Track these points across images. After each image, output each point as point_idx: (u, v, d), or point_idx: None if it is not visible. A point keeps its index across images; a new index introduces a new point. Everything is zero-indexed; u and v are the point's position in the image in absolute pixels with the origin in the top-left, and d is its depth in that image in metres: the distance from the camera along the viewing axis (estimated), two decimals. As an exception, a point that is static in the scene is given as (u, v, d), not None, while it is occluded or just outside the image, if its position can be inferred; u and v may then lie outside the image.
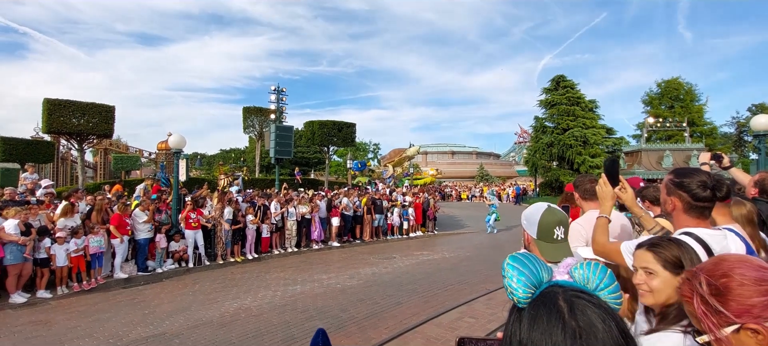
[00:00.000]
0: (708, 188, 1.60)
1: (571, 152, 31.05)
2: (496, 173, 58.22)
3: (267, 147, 18.73)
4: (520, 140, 75.02)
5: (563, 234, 1.58)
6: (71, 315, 6.15)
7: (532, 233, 1.61)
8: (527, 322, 0.66)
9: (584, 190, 2.85)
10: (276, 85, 21.17)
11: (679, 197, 1.65)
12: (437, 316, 5.81)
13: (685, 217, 1.65)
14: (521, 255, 0.78)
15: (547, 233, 1.57)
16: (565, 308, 0.64)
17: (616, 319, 0.64)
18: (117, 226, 8.02)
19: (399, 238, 14.09)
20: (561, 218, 1.60)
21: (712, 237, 1.56)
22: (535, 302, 0.69)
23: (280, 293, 7.19)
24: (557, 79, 34.36)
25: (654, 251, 1.36)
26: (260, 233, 10.52)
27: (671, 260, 1.32)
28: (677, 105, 41.39)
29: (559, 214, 1.62)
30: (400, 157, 32.12)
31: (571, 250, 2.54)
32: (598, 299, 0.68)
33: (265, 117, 29.65)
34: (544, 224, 1.58)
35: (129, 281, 7.98)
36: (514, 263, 0.74)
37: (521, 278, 0.71)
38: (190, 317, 5.97)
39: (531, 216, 1.63)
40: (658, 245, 1.36)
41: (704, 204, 1.61)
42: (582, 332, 0.61)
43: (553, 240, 1.56)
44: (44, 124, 18.42)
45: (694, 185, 1.61)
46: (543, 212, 1.60)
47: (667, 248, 1.34)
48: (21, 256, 6.62)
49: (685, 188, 1.64)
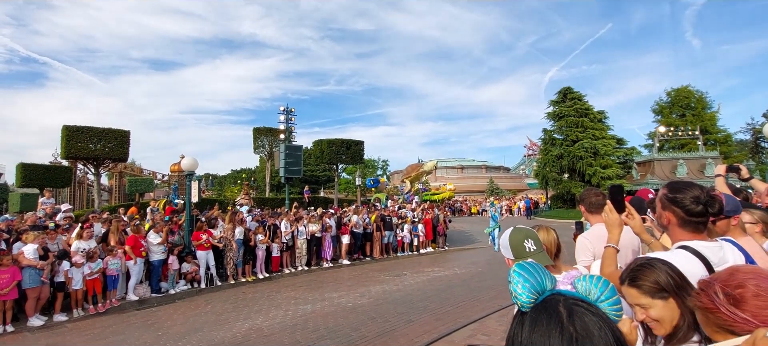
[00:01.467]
0: (700, 203, 1.60)
1: (582, 164, 30.73)
2: (506, 186, 57.76)
3: (277, 166, 18.96)
4: (530, 153, 74.53)
5: (534, 245, 1.70)
6: (87, 337, 6.23)
7: (509, 255, 1.74)
8: (528, 325, 0.70)
9: (589, 203, 2.86)
10: (285, 106, 21.59)
11: (673, 212, 1.67)
12: (449, 333, 5.76)
13: (681, 231, 1.66)
14: (527, 263, 0.82)
15: (519, 250, 1.70)
16: (565, 313, 0.68)
17: (612, 328, 0.67)
18: (132, 247, 8.17)
19: (409, 254, 14.02)
20: (527, 233, 1.74)
21: (709, 249, 1.57)
22: (537, 307, 0.73)
23: (291, 312, 7.20)
24: (564, 91, 34.30)
25: (635, 285, 1.35)
26: (271, 252, 10.58)
27: (652, 287, 1.32)
28: (689, 113, 40.90)
29: (524, 230, 1.76)
30: (417, 173, 32.09)
31: (577, 264, 2.56)
32: (597, 308, 0.72)
33: (275, 137, 30.08)
34: (514, 242, 1.72)
35: (143, 303, 8.07)
36: (520, 270, 0.79)
37: (526, 285, 0.76)
38: (202, 338, 6.01)
39: (503, 241, 1.78)
40: (635, 278, 1.35)
41: (697, 219, 1.61)
42: (579, 337, 0.64)
43: (527, 254, 1.68)
44: (63, 150, 18.98)
45: (687, 200, 1.62)
46: (510, 233, 1.76)
47: (643, 278, 1.34)
48: (39, 279, 6.78)
49: (677, 203, 1.65)
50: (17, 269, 6.60)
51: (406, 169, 34.97)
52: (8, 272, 6.49)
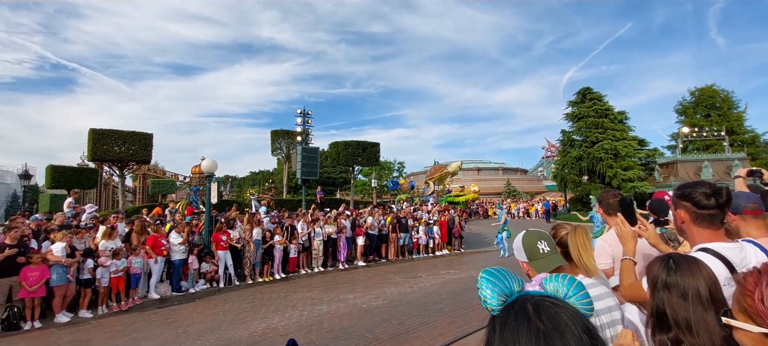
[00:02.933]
0: (710, 196, 1.61)
1: (602, 166, 30.02)
2: (523, 188, 56.94)
3: (294, 169, 19.20)
4: (548, 155, 73.29)
5: (547, 247, 1.68)
6: (110, 335, 6.44)
7: (523, 258, 1.71)
8: (498, 327, 0.70)
9: (607, 205, 2.81)
10: (302, 109, 21.85)
11: (685, 208, 1.67)
12: (464, 337, 5.72)
13: (697, 229, 1.65)
14: (494, 269, 0.83)
15: (533, 252, 1.68)
16: (531, 309, 0.68)
17: (582, 320, 0.66)
18: (153, 247, 8.40)
19: (424, 256, 13.97)
20: (540, 234, 1.72)
21: (730, 250, 1.56)
22: (505, 308, 0.73)
23: (306, 312, 7.27)
24: (583, 91, 33.61)
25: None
26: (288, 252, 10.72)
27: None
28: (714, 113, 39.54)
29: (537, 232, 1.75)
30: (441, 174, 31.79)
31: (597, 267, 2.51)
32: (564, 302, 0.71)
33: (292, 139, 30.45)
34: (527, 245, 1.70)
35: (163, 301, 8.28)
36: (487, 276, 0.80)
37: (494, 289, 0.76)
38: (220, 336, 6.13)
39: (516, 244, 1.76)
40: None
41: (710, 212, 1.61)
42: (547, 330, 0.63)
43: (540, 256, 1.66)
44: (89, 153, 19.67)
45: (696, 194, 1.63)
46: (522, 235, 1.74)
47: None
48: (66, 277, 7.04)
49: (688, 198, 1.65)
50: (46, 267, 6.87)
51: (430, 171, 34.66)
52: (37, 270, 6.77)
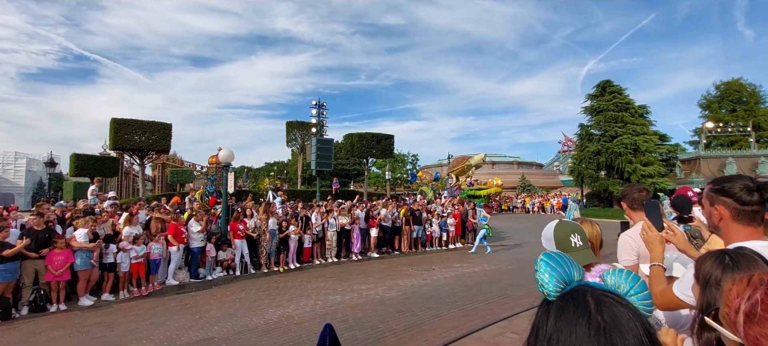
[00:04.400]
0: (753, 191, 1.51)
1: (621, 161, 29.35)
2: (538, 183, 56.20)
3: (309, 160, 19.33)
4: (565, 149, 72.05)
5: (580, 241, 1.63)
6: (131, 318, 6.63)
7: (552, 249, 1.64)
8: (554, 313, 0.69)
9: (632, 200, 2.73)
10: (317, 100, 21.85)
11: (724, 204, 1.57)
12: (478, 330, 5.69)
13: (736, 226, 1.56)
14: (555, 253, 0.80)
15: (565, 244, 1.63)
16: (592, 303, 0.66)
17: (642, 320, 0.65)
18: (173, 234, 8.59)
19: (438, 249, 13.95)
20: (573, 227, 1.67)
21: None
22: (564, 295, 0.71)
23: (320, 302, 7.35)
24: (603, 84, 32.81)
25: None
26: (302, 243, 10.83)
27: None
28: (740, 108, 38.17)
29: (570, 224, 1.69)
30: (463, 166, 31.30)
31: (620, 264, 2.46)
32: (626, 300, 0.69)
33: (307, 131, 30.60)
34: (560, 237, 1.65)
35: (182, 288, 8.48)
36: (547, 259, 0.77)
37: (553, 274, 0.74)
38: (236, 323, 6.25)
39: (547, 234, 1.72)
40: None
41: (752, 208, 1.52)
42: (606, 326, 0.62)
43: (572, 249, 1.61)
44: (111, 142, 20.19)
45: (736, 188, 1.53)
46: (555, 226, 1.69)
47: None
48: (89, 262, 7.27)
49: (728, 193, 1.55)
50: (70, 252, 7.10)
51: (452, 162, 34.20)
52: (62, 255, 7.01)
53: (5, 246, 6.46)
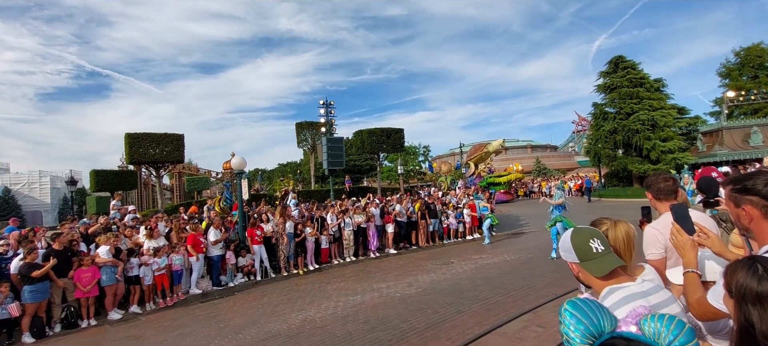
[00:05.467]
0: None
1: (639, 138, 28.55)
2: (554, 165, 55.35)
3: (320, 159, 19.41)
4: (579, 129, 70.69)
5: (601, 245, 1.52)
6: (159, 329, 6.78)
7: (573, 259, 1.56)
8: None
9: (658, 189, 2.62)
10: (324, 99, 21.94)
11: (752, 203, 1.47)
12: (501, 325, 5.62)
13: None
14: (581, 301, 0.73)
15: (585, 252, 1.53)
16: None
17: None
18: (192, 245, 8.74)
19: (455, 241, 13.86)
20: (592, 232, 1.57)
21: None
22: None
23: (341, 303, 7.38)
24: (615, 60, 31.88)
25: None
26: (319, 244, 10.89)
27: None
28: (762, 74, 36.73)
29: (587, 229, 1.59)
30: (481, 154, 30.65)
31: (646, 258, 2.36)
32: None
33: (317, 130, 30.75)
34: (578, 244, 1.54)
35: (205, 296, 8.63)
36: (573, 309, 0.70)
37: (579, 327, 0.67)
38: (260, 329, 6.32)
39: (564, 244, 1.61)
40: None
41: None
42: None
43: (594, 255, 1.51)
44: (127, 156, 20.63)
45: (760, 184, 1.44)
46: (571, 234, 1.59)
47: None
48: (114, 277, 7.45)
49: (753, 191, 1.46)
50: (97, 269, 7.29)
51: (470, 150, 33.65)
52: (89, 272, 7.19)
53: (35, 267, 6.66)
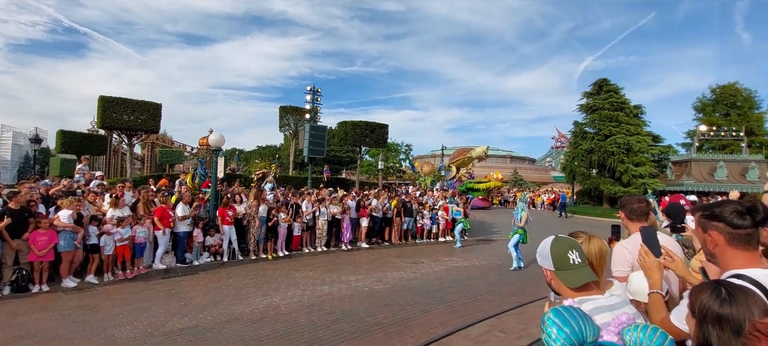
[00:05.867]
0: (744, 214, 1.49)
1: (613, 160, 29.53)
2: (530, 178, 56.55)
3: (301, 146, 19.15)
4: (558, 145, 72.48)
5: (578, 258, 1.55)
6: (115, 302, 6.52)
7: (549, 266, 1.58)
8: None
9: (631, 210, 2.69)
10: (312, 86, 21.62)
11: (717, 229, 1.54)
12: (465, 327, 5.68)
13: (732, 251, 1.52)
14: (565, 309, 0.72)
15: (562, 262, 1.54)
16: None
17: None
18: (160, 218, 8.44)
19: (428, 242, 13.96)
20: (571, 243, 1.58)
21: (767, 277, 1.43)
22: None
23: (308, 292, 7.30)
24: (600, 82, 32.82)
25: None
26: (292, 231, 10.74)
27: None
28: (734, 112, 38.60)
29: (568, 240, 1.60)
30: (464, 158, 30.84)
31: (613, 275, 2.40)
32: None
33: (301, 116, 30.33)
34: (557, 254, 1.56)
35: (168, 272, 8.37)
36: (556, 317, 0.69)
37: (561, 335, 0.65)
38: (222, 311, 6.18)
39: (542, 250, 1.62)
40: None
41: (746, 231, 1.50)
42: None
43: (571, 266, 1.53)
44: (99, 120, 19.79)
45: (727, 212, 1.51)
46: (552, 242, 1.60)
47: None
48: (73, 243, 7.11)
49: (719, 218, 1.53)
50: (54, 233, 6.94)
51: (453, 154, 33.86)
52: (46, 235, 6.84)
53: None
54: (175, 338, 5.13)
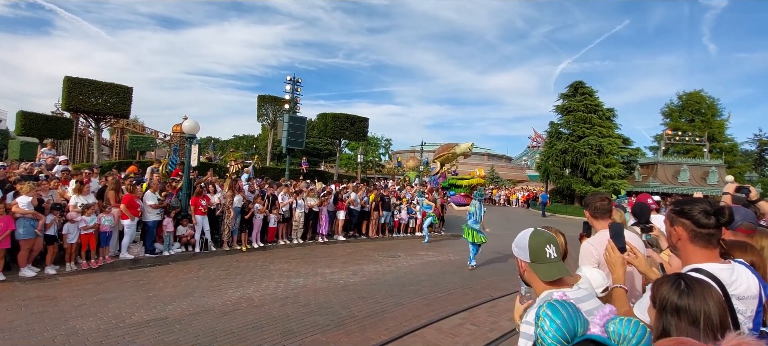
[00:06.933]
0: (711, 215, 1.57)
1: (585, 160, 30.51)
2: (507, 176, 57.70)
3: (279, 137, 18.84)
4: (534, 145, 74.15)
5: (555, 252, 1.58)
6: (77, 292, 6.25)
7: (525, 258, 1.61)
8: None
9: (594, 208, 2.78)
10: (292, 76, 21.21)
11: (683, 225, 1.63)
12: (438, 320, 5.75)
13: (693, 247, 1.62)
14: (559, 303, 0.73)
15: (539, 255, 1.58)
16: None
17: None
18: (128, 206, 8.13)
19: (405, 236, 14.04)
20: (549, 238, 1.61)
21: (722, 271, 1.54)
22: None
23: (282, 284, 7.21)
24: (576, 85, 33.75)
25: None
26: (268, 222, 10.57)
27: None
28: (698, 119, 40.44)
29: (546, 234, 1.63)
30: (448, 154, 30.85)
31: (580, 269, 2.47)
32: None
33: (279, 106, 29.82)
34: (535, 246, 1.59)
35: (136, 262, 8.09)
36: (550, 310, 0.70)
37: (552, 327, 0.67)
38: (192, 302, 6.02)
39: (520, 241, 1.65)
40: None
41: (709, 231, 1.58)
42: None
43: (547, 260, 1.56)
44: (64, 102, 18.82)
45: (695, 211, 1.59)
46: (530, 234, 1.63)
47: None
48: (33, 231, 6.75)
49: (687, 216, 1.61)
50: (11, 219, 6.56)
51: (438, 149, 33.93)
52: (2, 221, 6.46)
53: (-67, 208, 5.87)
54: (142, 330, 4.96)
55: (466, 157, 33.29)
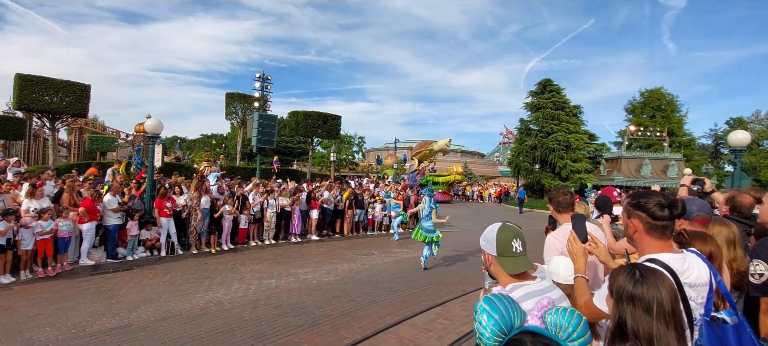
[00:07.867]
0: (665, 207, 1.64)
1: (554, 156, 31.52)
2: (479, 172, 58.80)
3: (249, 135, 18.42)
4: (505, 141, 75.92)
5: (520, 247, 1.63)
6: (34, 302, 5.90)
7: (492, 251, 1.65)
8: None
9: (558, 202, 2.87)
10: (261, 73, 20.73)
11: (639, 218, 1.69)
12: (412, 316, 5.80)
13: (648, 239, 1.68)
14: (496, 297, 0.74)
15: (506, 248, 1.61)
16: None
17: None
18: (87, 210, 7.73)
19: (379, 234, 14.05)
20: (516, 232, 1.66)
21: (675, 261, 1.61)
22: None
23: (254, 286, 7.06)
24: (544, 83, 34.75)
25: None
26: (238, 223, 10.32)
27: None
28: (658, 115, 42.54)
29: (513, 229, 1.68)
30: (425, 151, 30.88)
31: (545, 262, 2.55)
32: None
33: (249, 104, 29.15)
34: (502, 240, 1.63)
35: (97, 268, 7.71)
36: (487, 305, 0.71)
37: (490, 322, 0.68)
38: (158, 308, 5.80)
39: (488, 235, 1.69)
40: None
41: (663, 223, 1.65)
42: None
43: (512, 254, 1.61)
44: (15, 101, 17.67)
45: (651, 204, 1.66)
46: (498, 228, 1.67)
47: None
48: (-20, 238, 6.31)
49: (643, 209, 1.68)
50: (-45, 226, 6.11)
51: (416, 146, 33.91)
52: (-56, 229, 6.00)
53: None
54: (104, 339, 4.74)
55: (445, 153, 33.74)
